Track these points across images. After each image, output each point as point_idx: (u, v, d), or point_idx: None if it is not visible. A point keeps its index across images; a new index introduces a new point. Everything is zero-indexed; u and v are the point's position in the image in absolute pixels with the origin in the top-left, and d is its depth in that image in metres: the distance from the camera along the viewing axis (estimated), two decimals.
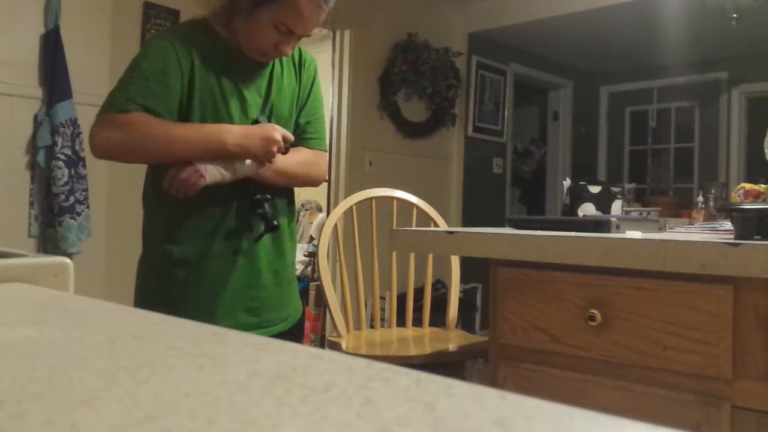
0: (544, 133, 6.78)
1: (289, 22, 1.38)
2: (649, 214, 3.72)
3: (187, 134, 1.36)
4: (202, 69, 1.41)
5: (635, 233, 1.38)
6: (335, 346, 1.96)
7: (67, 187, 2.84)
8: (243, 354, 0.36)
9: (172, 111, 1.39)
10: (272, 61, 1.51)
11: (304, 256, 5.09)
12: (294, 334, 1.59)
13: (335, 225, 2.15)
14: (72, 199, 2.85)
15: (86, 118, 2.97)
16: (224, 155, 1.38)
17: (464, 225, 4.94)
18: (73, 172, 2.87)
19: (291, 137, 1.46)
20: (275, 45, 1.41)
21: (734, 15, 3.65)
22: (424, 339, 2.13)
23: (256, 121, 1.45)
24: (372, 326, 2.29)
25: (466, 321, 4.54)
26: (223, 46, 1.45)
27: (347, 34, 4.43)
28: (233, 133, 1.38)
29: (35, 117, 2.87)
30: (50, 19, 2.90)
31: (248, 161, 1.41)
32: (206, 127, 1.38)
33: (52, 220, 2.86)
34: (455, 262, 2.34)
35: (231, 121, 1.43)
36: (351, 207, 2.22)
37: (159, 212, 1.48)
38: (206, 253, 1.45)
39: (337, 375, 0.32)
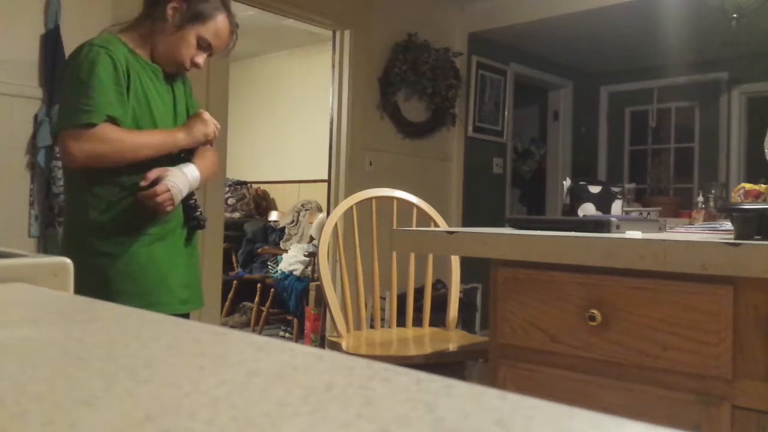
0: (544, 133, 6.78)
1: (210, 38, 1.71)
2: (649, 214, 3.72)
3: (149, 141, 1.63)
4: (132, 76, 1.63)
5: (635, 233, 1.38)
6: (335, 346, 1.96)
7: None
8: (243, 354, 0.36)
9: (127, 113, 1.62)
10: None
11: (304, 256, 5.09)
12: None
13: (335, 225, 2.15)
14: None
15: None
16: (179, 149, 1.68)
17: (464, 225, 4.94)
18: None
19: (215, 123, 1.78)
20: (192, 58, 1.72)
21: (734, 15, 3.65)
22: (424, 339, 2.13)
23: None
24: (372, 326, 2.29)
25: (466, 321, 4.54)
26: (139, 59, 1.69)
27: (347, 34, 4.43)
28: (180, 131, 1.68)
29: (35, 117, 2.87)
30: (50, 19, 2.90)
31: (197, 175, 1.70)
32: (159, 133, 1.66)
33: (52, 220, 2.86)
34: (455, 262, 2.34)
35: (155, 122, 1.67)
36: (351, 207, 2.22)
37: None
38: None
39: (337, 375, 0.32)
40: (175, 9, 1.67)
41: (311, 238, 5.33)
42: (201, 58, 1.73)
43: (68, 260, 0.66)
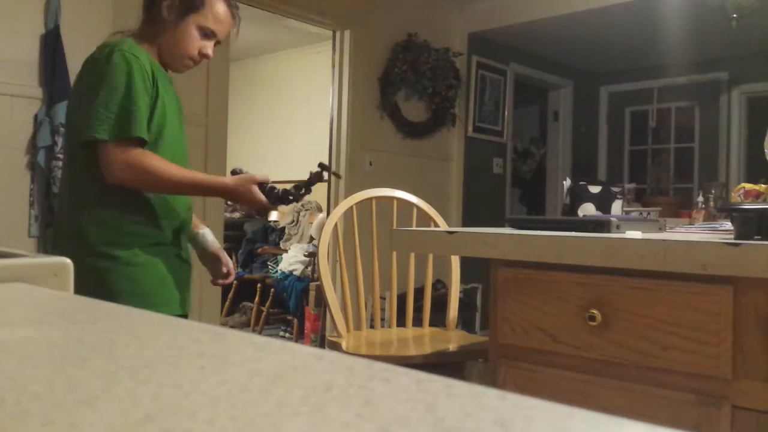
0: (544, 133, 6.78)
1: (211, 25, 1.70)
2: (649, 214, 3.71)
3: (192, 187, 1.64)
4: (157, 83, 1.63)
5: (635, 233, 1.38)
6: (335, 346, 1.96)
7: None
8: (243, 354, 0.36)
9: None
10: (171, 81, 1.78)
11: (304, 256, 5.09)
12: None
13: (335, 225, 2.15)
14: None
15: None
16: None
17: (464, 225, 4.94)
18: None
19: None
20: (200, 49, 1.71)
21: (734, 15, 3.65)
22: (424, 339, 2.13)
23: (234, 172, 1.73)
24: (372, 326, 2.29)
25: (466, 321, 4.54)
26: (154, 61, 1.68)
27: (347, 34, 4.43)
28: (226, 191, 1.68)
29: (35, 117, 2.86)
30: (50, 19, 2.90)
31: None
32: (206, 181, 1.68)
33: (52, 220, 2.86)
34: (455, 262, 2.34)
35: (168, 128, 1.65)
36: (351, 207, 2.22)
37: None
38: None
39: (337, 375, 0.32)
40: (170, 6, 1.68)
41: (311, 238, 5.33)
42: (209, 48, 1.73)
43: (68, 260, 0.66)
